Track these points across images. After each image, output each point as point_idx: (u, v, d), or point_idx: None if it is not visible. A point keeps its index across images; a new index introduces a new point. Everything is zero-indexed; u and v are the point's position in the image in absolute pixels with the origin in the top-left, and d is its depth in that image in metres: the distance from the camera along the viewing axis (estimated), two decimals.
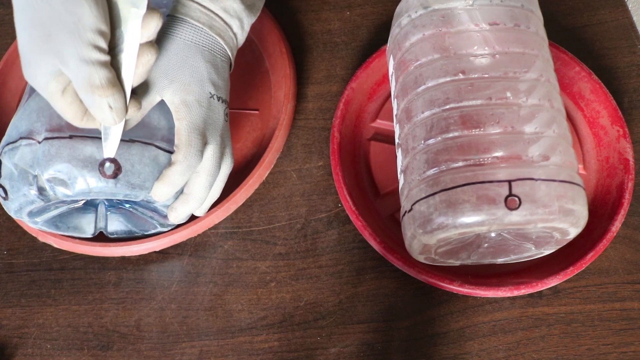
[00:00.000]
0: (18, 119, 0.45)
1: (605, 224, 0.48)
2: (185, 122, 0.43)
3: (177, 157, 0.43)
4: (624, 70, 0.58)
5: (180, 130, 0.43)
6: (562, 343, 0.47)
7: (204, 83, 0.44)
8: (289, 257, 0.51)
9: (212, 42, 0.45)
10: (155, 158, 0.45)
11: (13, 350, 0.50)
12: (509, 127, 0.41)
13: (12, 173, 0.44)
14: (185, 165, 0.43)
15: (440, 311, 0.49)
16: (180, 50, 0.43)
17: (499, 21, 0.44)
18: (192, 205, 0.46)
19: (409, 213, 0.43)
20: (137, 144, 0.44)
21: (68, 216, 0.50)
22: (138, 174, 0.44)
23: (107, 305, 0.51)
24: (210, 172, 0.45)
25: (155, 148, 0.45)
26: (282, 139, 0.56)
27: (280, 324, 0.49)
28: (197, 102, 0.44)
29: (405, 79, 0.46)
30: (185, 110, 0.43)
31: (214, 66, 0.45)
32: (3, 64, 0.60)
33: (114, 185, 0.43)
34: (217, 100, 0.45)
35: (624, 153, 0.51)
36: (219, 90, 0.45)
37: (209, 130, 0.44)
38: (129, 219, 0.50)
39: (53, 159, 0.42)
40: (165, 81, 0.43)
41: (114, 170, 0.43)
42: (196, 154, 0.43)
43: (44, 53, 0.36)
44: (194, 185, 0.45)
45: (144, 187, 0.44)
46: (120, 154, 0.43)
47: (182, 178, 0.44)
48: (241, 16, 0.46)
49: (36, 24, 0.36)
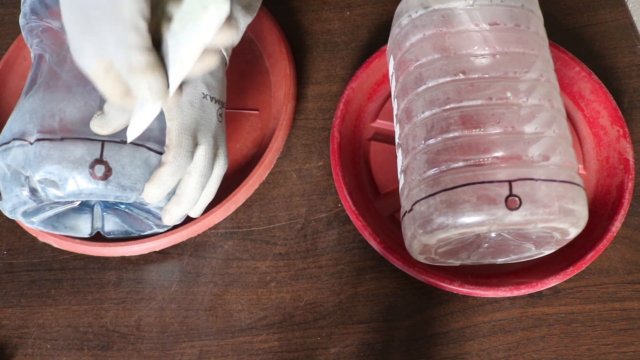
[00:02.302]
0: (12, 120, 0.45)
1: (605, 224, 0.48)
2: (177, 122, 0.43)
3: (167, 158, 0.43)
4: (624, 70, 0.58)
5: (171, 130, 0.43)
6: (562, 343, 0.47)
7: (196, 83, 0.44)
8: (289, 257, 0.51)
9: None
10: (147, 160, 0.45)
11: (13, 350, 0.50)
12: (509, 127, 0.41)
13: (5, 174, 0.44)
14: (175, 166, 0.43)
15: (440, 311, 0.49)
16: None
17: (499, 21, 0.44)
18: (185, 206, 0.46)
19: (409, 213, 0.43)
20: (128, 145, 0.44)
21: (64, 216, 0.50)
22: (129, 176, 0.44)
23: (107, 305, 0.51)
24: (202, 172, 0.45)
25: (147, 150, 0.45)
26: (282, 139, 0.56)
27: (280, 324, 0.49)
28: (189, 103, 0.44)
29: (405, 79, 0.46)
30: (176, 111, 0.43)
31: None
32: (3, 64, 0.60)
33: (104, 187, 0.43)
34: (210, 101, 0.45)
35: (624, 153, 0.51)
36: (212, 91, 0.45)
37: (200, 131, 0.44)
38: (125, 219, 0.50)
39: (44, 161, 0.42)
40: None
41: (104, 172, 0.43)
42: (186, 155, 0.43)
43: (86, 34, 0.36)
44: (186, 186, 0.45)
45: (135, 188, 0.44)
46: (110, 155, 0.43)
47: (172, 179, 0.44)
48: (237, 16, 0.46)
49: (78, 6, 0.36)
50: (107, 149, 0.44)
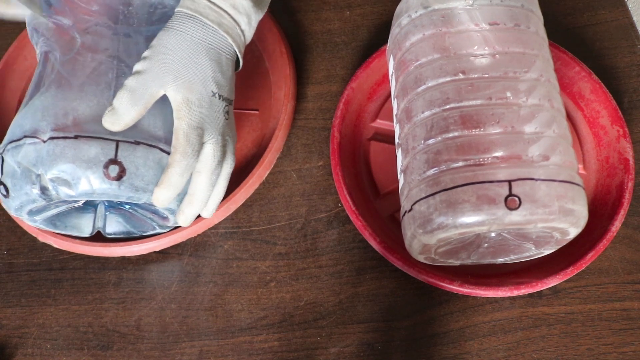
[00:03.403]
0: (22, 117, 0.45)
1: (605, 224, 0.48)
2: (185, 121, 0.43)
3: (175, 158, 0.43)
4: (624, 70, 0.58)
5: (178, 129, 0.43)
6: (562, 343, 0.47)
7: (207, 82, 0.44)
8: (289, 257, 0.51)
9: (220, 40, 0.45)
10: (160, 161, 0.44)
11: (13, 350, 0.50)
12: (509, 127, 0.41)
13: (15, 171, 0.44)
14: (183, 166, 0.43)
15: (440, 311, 0.49)
16: (187, 48, 0.43)
17: (499, 21, 0.44)
18: (198, 205, 0.46)
19: (409, 213, 0.43)
20: (142, 147, 0.44)
21: (67, 215, 0.49)
22: (142, 177, 0.44)
23: (107, 305, 0.51)
24: (212, 170, 0.45)
25: (160, 151, 0.45)
26: (282, 139, 0.56)
27: (280, 324, 0.49)
28: (198, 101, 0.44)
29: (405, 79, 0.46)
30: (186, 110, 0.43)
31: (219, 64, 0.45)
32: (3, 64, 0.60)
33: (117, 188, 0.43)
34: (218, 99, 0.45)
35: (624, 153, 0.51)
36: (222, 89, 0.45)
37: (208, 130, 0.44)
38: (128, 219, 0.50)
39: (57, 159, 0.42)
40: (169, 77, 0.43)
41: (118, 172, 0.43)
42: (193, 154, 0.43)
43: None
44: (197, 185, 0.45)
45: (147, 190, 0.44)
46: (125, 156, 0.43)
47: (181, 179, 0.43)
48: (249, 13, 0.46)
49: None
50: (122, 149, 0.43)
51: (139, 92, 0.42)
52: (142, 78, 0.42)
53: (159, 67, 0.43)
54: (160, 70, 0.43)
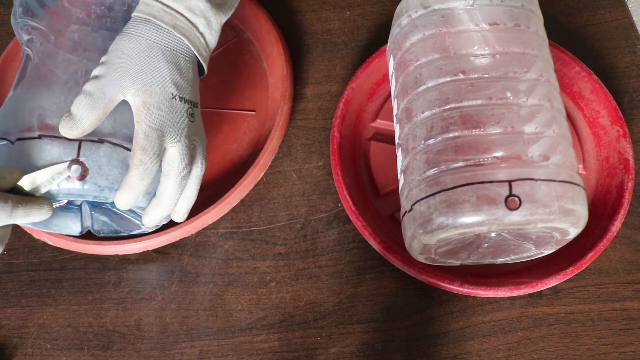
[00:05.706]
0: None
1: (605, 224, 0.48)
2: (144, 125, 0.43)
3: (134, 161, 0.42)
4: (624, 70, 0.58)
5: (137, 133, 0.43)
6: (562, 343, 0.47)
7: (165, 84, 0.44)
8: (289, 257, 0.51)
9: (176, 42, 0.44)
10: (124, 160, 0.44)
11: (13, 350, 0.50)
12: (509, 127, 0.41)
13: None
14: (142, 169, 0.42)
15: (440, 311, 0.49)
16: (143, 51, 0.43)
17: (499, 21, 0.44)
18: (164, 208, 0.45)
19: (409, 213, 0.43)
20: (105, 145, 0.44)
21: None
22: (106, 176, 0.44)
23: (107, 305, 0.51)
24: (180, 174, 0.44)
25: (124, 149, 0.45)
26: (278, 140, 0.55)
27: (280, 324, 0.49)
28: (157, 104, 0.43)
29: (405, 79, 0.46)
30: (145, 113, 0.43)
31: (177, 67, 0.44)
32: (2, 61, 0.60)
33: (81, 187, 0.43)
34: (179, 101, 0.44)
35: (624, 153, 0.51)
36: (182, 91, 0.45)
37: (170, 133, 0.44)
38: (113, 219, 0.50)
39: (23, 161, 0.42)
40: (127, 81, 0.43)
41: (81, 172, 0.43)
42: (152, 157, 0.43)
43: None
44: (165, 188, 0.44)
45: (113, 188, 0.44)
46: (87, 155, 0.43)
47: (141, 183, 0.43)
48: (207, 15, 0.46)
49: None
50: (84, 148, 0.43)
51: (97, 96, 0.42)
52: (100, 83, 0.42)
53: (116, 72, 0.43)
54: (118, 74, 0.43)
